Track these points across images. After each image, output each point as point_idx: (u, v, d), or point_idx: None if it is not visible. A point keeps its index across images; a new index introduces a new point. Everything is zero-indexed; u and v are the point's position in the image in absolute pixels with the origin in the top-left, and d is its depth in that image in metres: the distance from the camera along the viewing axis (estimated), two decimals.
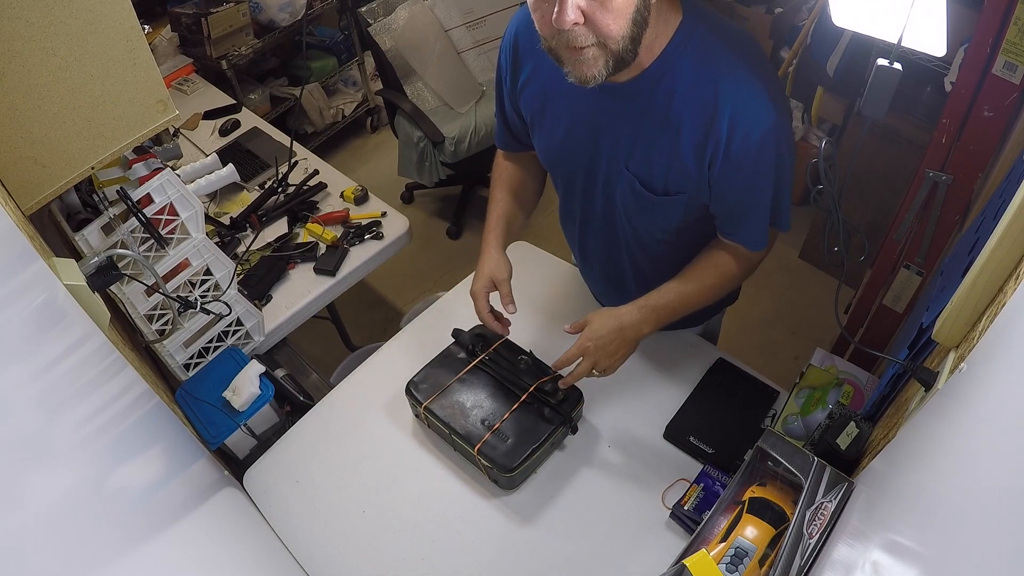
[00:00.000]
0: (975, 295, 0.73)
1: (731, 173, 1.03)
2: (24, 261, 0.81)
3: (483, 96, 2.85)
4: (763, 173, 1.03)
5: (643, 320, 1.16)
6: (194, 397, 1.36)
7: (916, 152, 2.06)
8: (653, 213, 1.15)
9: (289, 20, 3.02)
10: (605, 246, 1.31)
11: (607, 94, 1.06)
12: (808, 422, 1.19)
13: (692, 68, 0.99)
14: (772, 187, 1.06)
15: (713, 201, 1.09)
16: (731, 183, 1.05)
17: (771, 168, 1.03)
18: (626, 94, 1.04)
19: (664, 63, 1.00)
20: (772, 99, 0.98)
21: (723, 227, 1.14)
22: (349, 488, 1.27)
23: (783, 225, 1.13)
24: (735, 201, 1.08)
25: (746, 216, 1.10)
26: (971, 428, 0.60)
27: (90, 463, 0.72)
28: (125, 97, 1.08)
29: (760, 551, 0.95)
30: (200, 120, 2.31)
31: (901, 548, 0.62)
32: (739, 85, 0.97)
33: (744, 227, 1.12)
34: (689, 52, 0.99)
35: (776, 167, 1.03)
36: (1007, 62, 1.27)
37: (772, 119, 0.98)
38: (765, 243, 1.13)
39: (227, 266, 1.39)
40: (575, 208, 1.29)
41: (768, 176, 1.04)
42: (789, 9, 2.81)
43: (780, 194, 1.07)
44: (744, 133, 0.98)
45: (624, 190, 1.14)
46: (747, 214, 1.09)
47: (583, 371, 1.17)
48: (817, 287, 2.65)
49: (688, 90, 1.00)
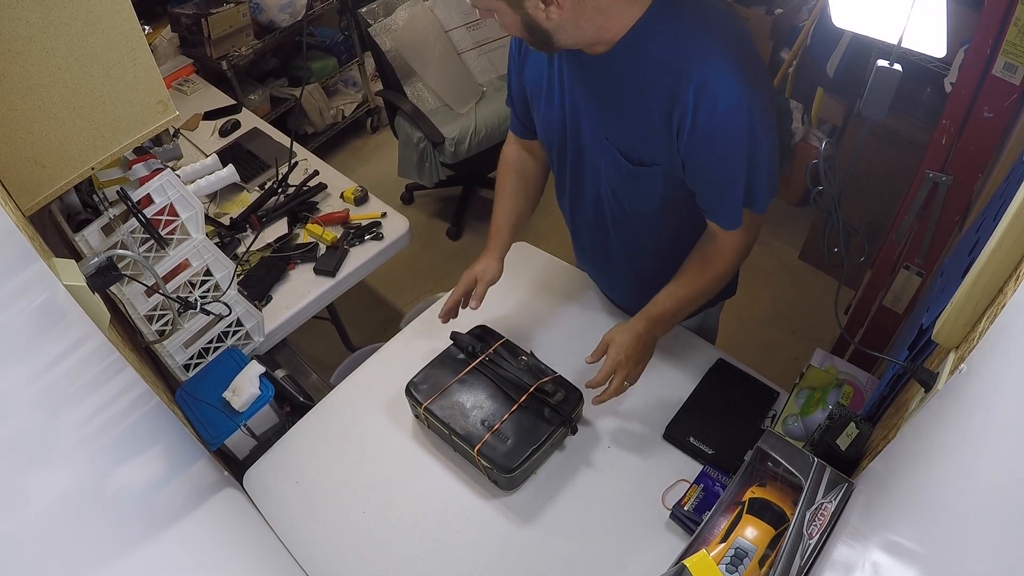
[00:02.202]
0: (975, 296, 0.73)
1: (699, 145, 1.04)
2: (24, 261, 0.81)
3: (483, 97, 2.85)
4: (733, 148, 1.03)
5: (652, 328, 1.20)
6: (194, 397, 1.36)
7: (916, 153, 2.06)
8: (635, 185, 1.17)
9: (289, 21, 3.02)
10: (595, 223, 1.33)
11: (587, 67, 1.08)
12: (808, 423, 1.19)
13: (664, 40, 1.01)
14: (745, 164, 1.04)
15: (687, 175, 1.10)
16: (700, 155, 1.06)
17: (742, 144, 1.02)
18: (602, 66, 1.06)
19: (636, 36, 1.01)
20: (742, 72, 0.98)
21: (701, 204, 1.15)
22: (349, 488, 1.27)
23: (759, 207, 1.12)
24: (706, 176, 1.09)
25: (721, 193, 1.10)
26: (971, 428, 0.60)
27: (90, 463, 0.72)
28: (125, 97, 1.08)
29: (760, 551, 0.95)
30: (200, 121, 2.31)
31: (901, 549, 0.62)
32: (708, 57, 0.98)
33: (720, 205, 1.12)
34: (661, 25, 1.01)
35: (749, 143, 1.02)
36: (1007, 63, 1.27)
37: (740, 91, 0.98)
38: (739, 222, 1.12)
39: (227, 267, 1.39)
40: (566, 184, 1.31)
41: (739, 152, 1.03)
42: (789, 10, 2.81)
43: (754, 173, 1.06)
44: (711, 104, 0.99)
45: (607, 163, 1.17)
46: (722, 191, 1.09)
47: (618, 385, 1.18)
48: (817, 287, 2.65)
49: (659, 62, 1.01)
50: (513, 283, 1.62)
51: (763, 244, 2.82)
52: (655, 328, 1.20)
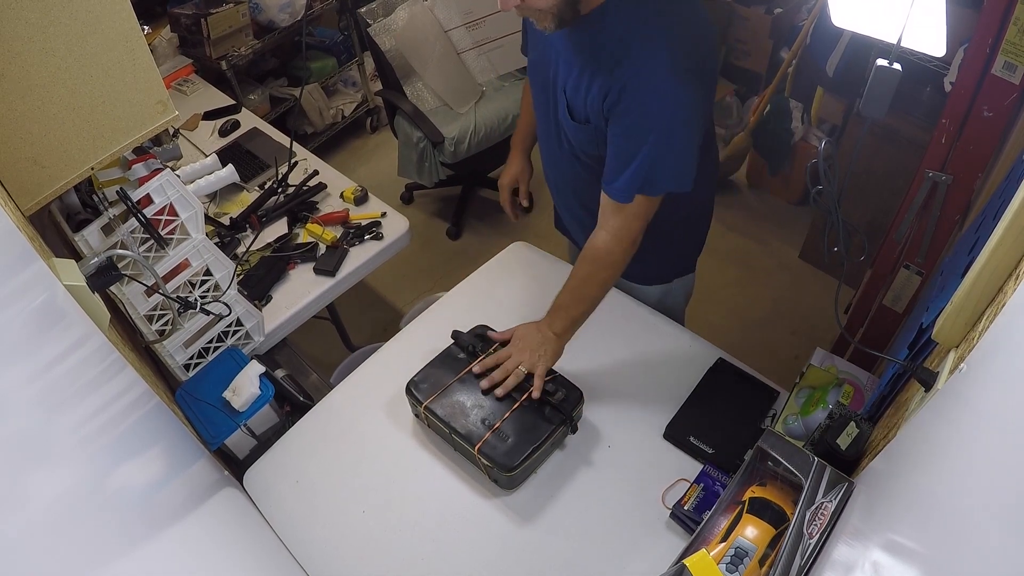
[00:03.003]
0: (975, 295, 0.73)
1: (614, 117, 1.14)
2: (24, 262, 0.81)
3: (483, 96, 2.85)
4: (640, 129, 1.12)
5: (551, 320, 1.30)
6: (194, 397, 1.36)
7: (916, 152, 2.06)
8: (576, 136, 1.28)
9: (289, 20, 3.01)
10: (557, 165, 1.43)
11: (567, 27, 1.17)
12: (808, 422, 1.19)
13: (621, 23, 1.10)
14: (648, 148, 1.13)
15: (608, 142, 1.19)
16: (613, 126, 1.16)
17: (649, 131, 1.12)
18: (575, 30, 1.15)
19: (603, 12, 1.11)
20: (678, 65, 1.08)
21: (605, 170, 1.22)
22: (349, 488, 1.27)
23: (652, 191, 1.18)
24: (612, 146, 1.18)
25: (618, 165, 1.17)
26: (971, 428, 0.60)
27: (90, 463, 0.72)
28: (125, 98, 1.08)
29: (760, 551, 0.95)
30: (200, 121, 2.31)
31: (901, 548, 0.63)
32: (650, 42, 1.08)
33: (613, 176, 1.19)
34: (624, 8, 1.10)
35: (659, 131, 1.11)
36: (1007, 62, 1.27)
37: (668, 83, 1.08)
38: (627, 197, 1.19)
39: (227, 266, 1.39)
40: (542, 128, 1.41)
41: (645, 135, 1.12)
42: (789, 9, 2.82)
43: (657, 161, 1.14)
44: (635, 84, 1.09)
45: (563, 111, 1.26)
46: (620, 164, 1.17)
47: (512, 366, 1.27)
48: (817, 287, 2.65)
49: (611, 41, 1.11)
50: (513, 283, 1.62)
51: (763, 244, 2.83)
52: (553, 320, 1.29)
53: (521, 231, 3.00)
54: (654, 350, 1.44)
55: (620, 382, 1.38)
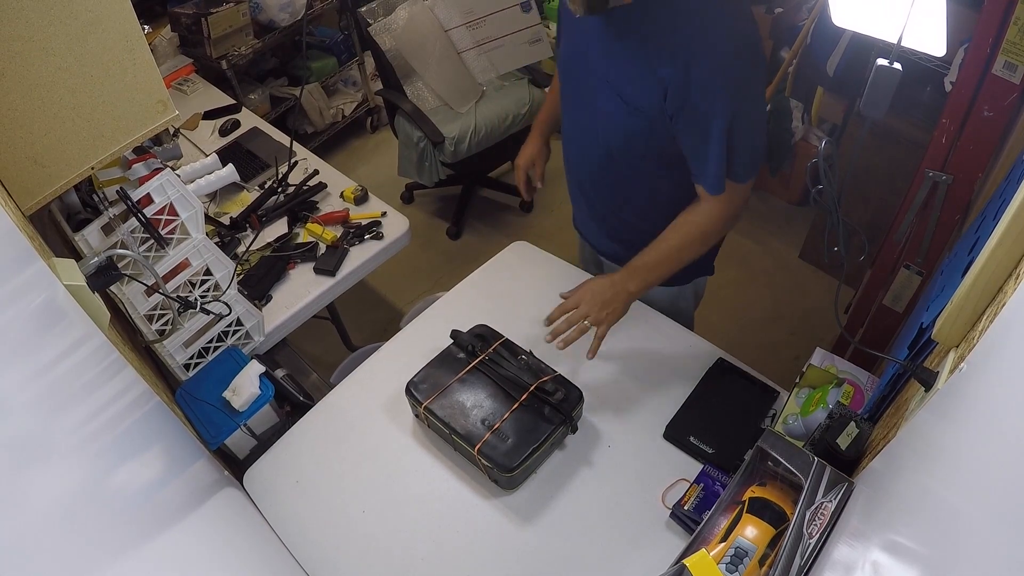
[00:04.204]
0: (975, 295, 0.73)
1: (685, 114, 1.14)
2: (24, 261, 0.81)
3: (483, 96, 2.85)
4: (715, 121, 1.12)
5: (628, 277, 1.28)
6: (194, 397, 1.36)
7: (916, 152, 2.06)
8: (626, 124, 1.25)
9: (289, 20, 3.02)
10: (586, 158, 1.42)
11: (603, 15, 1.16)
12: (808, 422, 1.19)
13: (669, 13, 1.10)
14: (724, 137, 1.13)
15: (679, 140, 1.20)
16: (686, 124, 1.16)
17: (723, 118, 1.12)
18: (614, 18, 1.15)
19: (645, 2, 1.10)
20: (737, 51, 1.10)
21: (690, 167, 1.24)
22: (349, 488, 1.27)
23: (739, 178, 1.21)
24: (690, 142, 1.19)
25: (704, 160, 1.19)
26: (971, 428, 0.60)
27: (90, 463, 0.72)
28: (125, 97, 1.08)
29: (760, 551, 0.95)
30: (200, 120, 2.31)
31: (901, 548, 0.62)
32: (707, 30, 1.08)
33: (702, 172, 1.21)
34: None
35: (730, 119, 1.12)
36: (1007, 62, 1.27)
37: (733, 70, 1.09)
38: (721, 188, 1.21)
39: (227, 266, 1.39)
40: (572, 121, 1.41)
41: (720, 126, 1.12)
42: (789, 9, 2.81)
43: (734, 147, 1.15)
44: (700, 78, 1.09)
45: (604, 99, 1.25)
46: (704, 159, 1.18)
47: (577, 319, 1.26)
48: (817, 287, 2.65)
49: (663, 31, 1.11)
50: (513, 283, 1.62)
51: (763, 244, 2.83)
52: (632, 277, 1.28)
53: (521, 231, 3.01)
54: (654, 350, 1.44)
55: (620, 382, 1.38)
